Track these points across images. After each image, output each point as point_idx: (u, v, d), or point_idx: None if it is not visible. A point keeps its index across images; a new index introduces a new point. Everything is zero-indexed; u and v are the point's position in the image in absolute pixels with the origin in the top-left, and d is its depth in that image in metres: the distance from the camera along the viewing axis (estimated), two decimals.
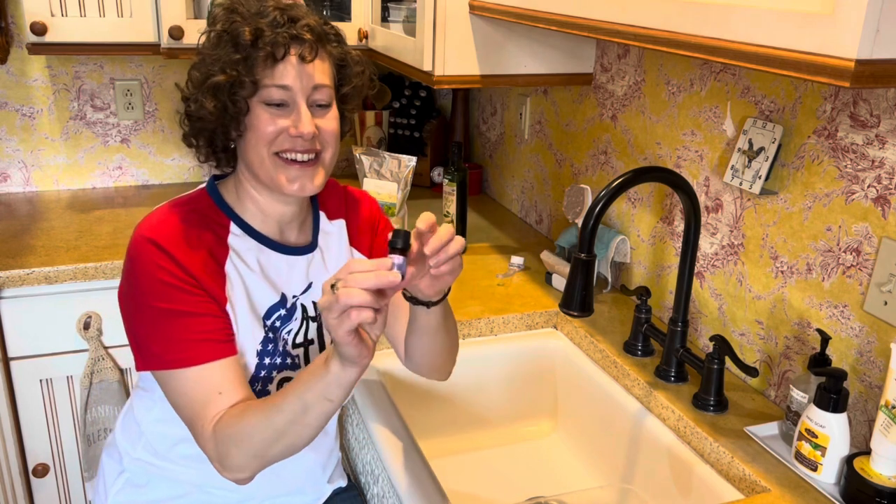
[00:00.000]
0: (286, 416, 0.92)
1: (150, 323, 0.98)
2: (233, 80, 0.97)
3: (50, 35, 1.80)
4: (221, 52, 0.98)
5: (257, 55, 0.97)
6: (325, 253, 1.15)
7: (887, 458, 0.98)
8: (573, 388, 1.50)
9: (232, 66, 0.97)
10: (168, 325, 0.97)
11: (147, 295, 0.97)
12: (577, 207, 1.59)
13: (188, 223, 1.01)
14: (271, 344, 1.07)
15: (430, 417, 1.49)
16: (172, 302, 0.97)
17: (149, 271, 0.97)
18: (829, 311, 1.16)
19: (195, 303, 0.98)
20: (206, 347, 0.98)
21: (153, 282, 0.97)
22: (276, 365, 1.08)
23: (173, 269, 0.97)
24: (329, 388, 0.89)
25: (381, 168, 1.86)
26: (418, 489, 1.05)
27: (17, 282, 1.66)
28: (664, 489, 1.25)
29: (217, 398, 0.97)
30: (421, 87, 2.43)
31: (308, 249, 1.12)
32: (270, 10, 0.99)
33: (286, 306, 1.09)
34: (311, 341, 1.13)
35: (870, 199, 1.08)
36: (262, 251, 1.08)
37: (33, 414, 1.78)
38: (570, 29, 1.18)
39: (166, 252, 0.97)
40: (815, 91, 1.15)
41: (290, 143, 1.00)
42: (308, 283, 1.12)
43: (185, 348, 0.97)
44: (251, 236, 1.07)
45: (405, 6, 1.88)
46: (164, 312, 0.97)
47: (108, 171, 2.26)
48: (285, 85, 0.98)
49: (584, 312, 1.14)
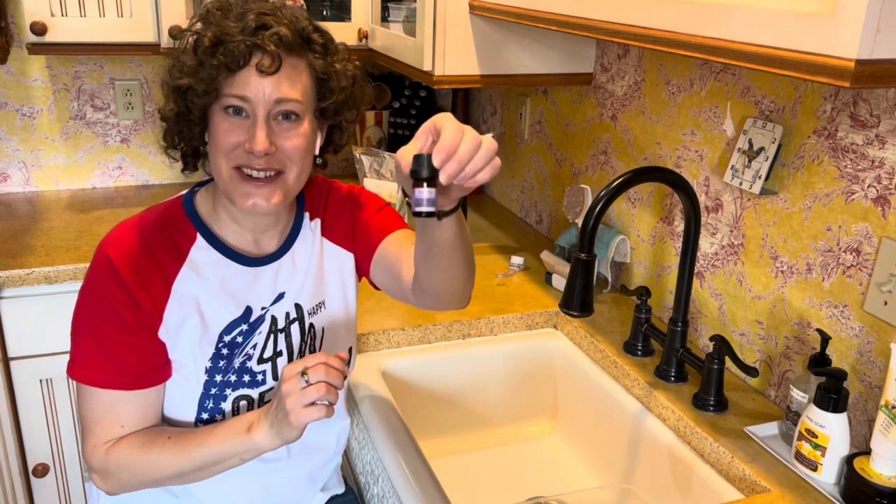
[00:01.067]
0: (195, 464, 1.00)
1: (84, 334, 1.01)
2: (189, 86, 0.94)
3: (50, 35, 1.80)
4: (184, 56, 0.96)
5: (212, 63, 0.92)
6: (297, 256, 1.10)
7: (887, 458, 0.98)
8: (573, 388, 1.50)
9: (189, 71, 0.94)
10: (98, 345, 1.00)
11: (91, 309, 1.00)
12: (577, 207, 1.59)
13: (149, 239, 1.01)
14: (223, 361, 1.04)
15: (430, 417, 1.49)
16: (109, 326, 0.99)
17: (97, 289, 1.00)
18: (829, 311, 1.16)
19: (130, 331, 0.99)
20: (125, 379, 1.01)
21: (98, 300, 1.00)
22: (229, 383, 1.05)
23: (118, 293, 0.98)
24: (248, 453, 0.99)
25: (381, 168, 1.86)
26: (418, 489, 1.05)
27: (17, 282, 1.66)
28: (664, 489, 1.25)
29: (117, 430, 1.02)
30: (421, 87, 2.43)
31: (275, 257, 1.08)
32: (248, 15, 0.94)
33: (249, 320, 1.05)
34: (280, 353, 1.08)
35: (870, 199, 1.08)
36: (227, 264, 1.04)
37: (33, 414, 1.78)
38: (570, 29, 1.18)
39: (117, 274, 0.98)
40: (815, 91, 1.15)
41: (245, 158, 0.96)
42: (278, 294, 1.08)
43: (105, 372, 1.00)
44: (216, 249, 1.04)
45: (405, 6, 1.88)
46: (99, 332, 1.00)
47: (108, 171, 2.26)
48: (244, 96, 0.94)
49: (584, 312, 1.14)
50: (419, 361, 1.46)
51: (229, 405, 1.06)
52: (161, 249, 1.02)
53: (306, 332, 1.11)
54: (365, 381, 1.33)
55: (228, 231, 1.05)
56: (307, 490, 1.22)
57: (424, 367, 1.46)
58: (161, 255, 1.02)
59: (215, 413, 1.05)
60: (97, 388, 1.01)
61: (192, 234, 1.04)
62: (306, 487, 1.21)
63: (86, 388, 1.02)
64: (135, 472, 1.01)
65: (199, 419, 1.05)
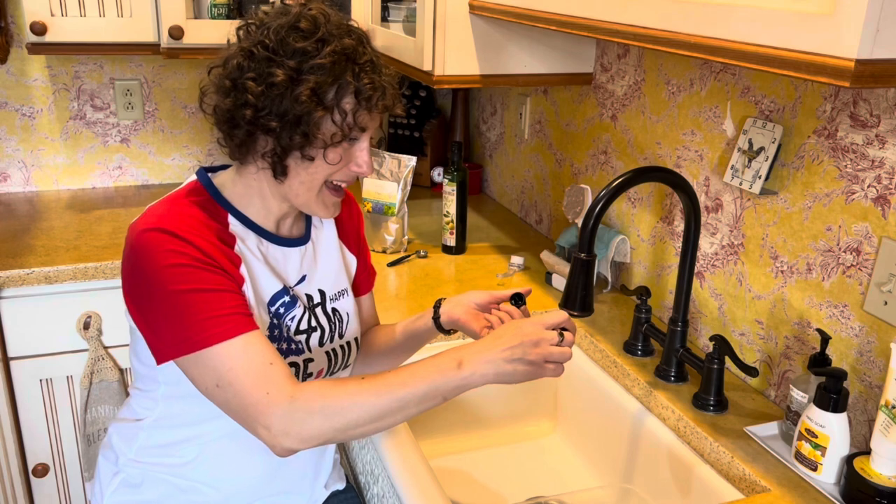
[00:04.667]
0: (398, 403, 0.92)
1: (172, 308, 0.94)
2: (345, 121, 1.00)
3: (50, 35, 1.80)
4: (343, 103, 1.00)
5: (364, 105, 1.01)
6: (317, 246, 1.17)
7: (887, 458, 0.98)
8: (573, 387, 1.50)
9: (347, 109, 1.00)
10: (194, 305, 0.94)
11: (165, 282, 0.94)
12: (577, 207, 1.59)
13: (192, 212, 1.01)
14: (276, 330, 1.08)
15: (430, 417, 1.49)
16: (192, 282, 0.94)
17: (160, 258, 0.94)
18: (829, 311, 1.16)
19: (216, 281, 0.96)
20: (240, 320, 0.96)
21: (167, 267, 0.94)
22: (282, 350, 1.08)
23: (188, 249, 0.95)
24: (455, 391, 0.94)
25: (381, 168, 1.86)
26: (418, 489, 1.05)
27: (17, 282, 1.66)
28: (664, 489, 1.25)
29: (268, 369, 0.93)
30: (421, 86, 2.43)
31: (302, 242, 1.14)
32: (380, 68, 1.04)
33: (289, 294, 1.10)
34: (315, 328, 1.13)
35: (870, 198, 1.08)
36: (262, 242, 1.09)
37: (33, 414, 1.78)
38: (570, 29, 1.18)
39: (177, 236, 0.96)
40: (815, 91, 1.15)
41: (346, 176, 1.06)
42: (302, 276, 1.13)
43: (219, 323, 0.94)
44: (250, 228, 1.08)
45: (405, 6, 1.88)
46: (187, 293, 0.94)
47: (108, 170, 2.26)
48: (365, 127, 1.03)
49: (584, 312, 1.14)
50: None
51: None
52: (208, 224, 1.02)
53: (332, 315, 1.16)
54: None
55: (257, 216, 1.09)
56: (311, 480, 1.23)
57: None
58: (211, 228, 1.02)
59: None
60: (228, 340, 0.94)
61: (224, 214, 1.06)
62: (310, 478, 1.23)
63: (212, 351, 0.93)
64: (328, 412, 0.91)
65: None
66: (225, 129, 1.03)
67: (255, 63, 0.98)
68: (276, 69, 0.96)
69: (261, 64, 0.97)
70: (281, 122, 0.97)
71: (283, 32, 0.97)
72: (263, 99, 0.97)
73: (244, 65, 0.98)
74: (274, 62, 0.97)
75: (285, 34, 0.97)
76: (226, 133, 1.04)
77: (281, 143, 0.99)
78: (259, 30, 1.00)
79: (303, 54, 0.97)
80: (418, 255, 1.83)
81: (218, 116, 1.03)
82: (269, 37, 0.98)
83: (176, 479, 1.12)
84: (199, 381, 0.96)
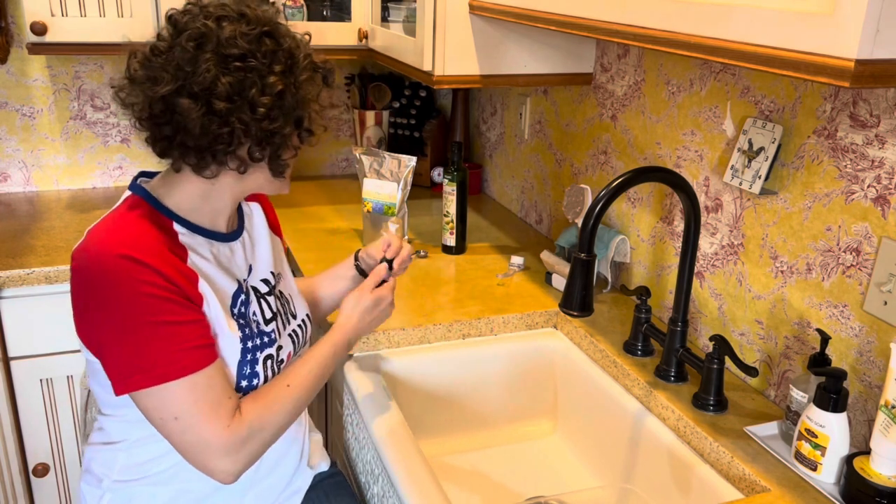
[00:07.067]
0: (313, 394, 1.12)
1: (137, 341, 0.96)
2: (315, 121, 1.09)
3: (50, 35, 1.80)
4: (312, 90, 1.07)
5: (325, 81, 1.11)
6: (252, 234, 1.22)
7: (887, 458, 0.98)
8: (573, 388, 1.50)
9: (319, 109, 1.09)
10: (161, 338, 0.97)
11: (134, 313, 0.96)
12: (577, 207, 1.59)
13: (146, 231, 1.01)
14: (247, 328, 1.10)
15: (430, 417, 1.49)
16: (160, 314, 0.97)
17: (131, 288, 0.96)
18: (828, 311, 1.16)
19: (181, 312, 0.99)
20: (203, 353, 1.00)
21: (138, 297, 0.96)
22: (257, 346, 1.11)
23: (156, 279, 0.97)
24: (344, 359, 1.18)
25: (381, 168, 1.86)
26: (418, 489, 1.06)
27: (17, 282, 1.66)
28: (664, 489, 1.25)
29: (227, 402, 1.02)
30: (421, 87, 2.43)
31: (239, 233, 1.18)
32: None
33: (243, 290, 1.13)
34: (276, 315, 1.18)
35: (869, 198, 1.08)
36: (212, 244, 1.11)
37: (33, 414, 1.78)
38: (570, 29, 1.18)
39: (145, 265, 0.97)
40: (815, 91, 1.15)
41: None
42: (248, 266, 1.17)
43: (182, 357, 0.98)
44: (196, 232, 1.09)
45: (405, 6, 1.88)
46: (154, 325, 0.96)
47: (109, 170, 2.26)
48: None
49: (584, 312, 1.14)
50: (419, 361, 1.46)
51: (261, 366, 1.11)
52: (162, 239, 1.02)
53: (281, 298, 1.22)
54: (365, 381, 1.33)
55: (202, 216, 1.10)
56: (294, 457, 1.25)
57: (424, 367, 1.46)
58: (167, 244, 1.03)
59: (252, 378, 1.09)
60: (189, 376, 0.98)
61: (168, 223, 1.06)
62: (294, 455, 1.25)
63: (174, 386, 0.97)
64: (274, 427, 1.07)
65: (238, 386, 1.08)
66: (193, 142, 1.00)
67: (248, 76, 0.98)
68: (271, 77, 0.99)
69: (253, 75, 0.98)
70: (292, 126, 1.04)
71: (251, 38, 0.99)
72: (272, 110, 1.00)
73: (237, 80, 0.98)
74: (263, 72, 0.99)
75: (254, 40, 1.00)
76: (191, 145, 1.01)
77: (287, 143, 1.05)
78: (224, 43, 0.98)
79: (288, 56, 1.03)
80: (418, 255, 1.83)
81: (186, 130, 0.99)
82: (241, 46, 0.98)
83: (163, 486, 1.12)
84: (152, 413, 0.99)
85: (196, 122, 0.97)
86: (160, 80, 0.98)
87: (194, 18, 1.00)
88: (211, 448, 0.99)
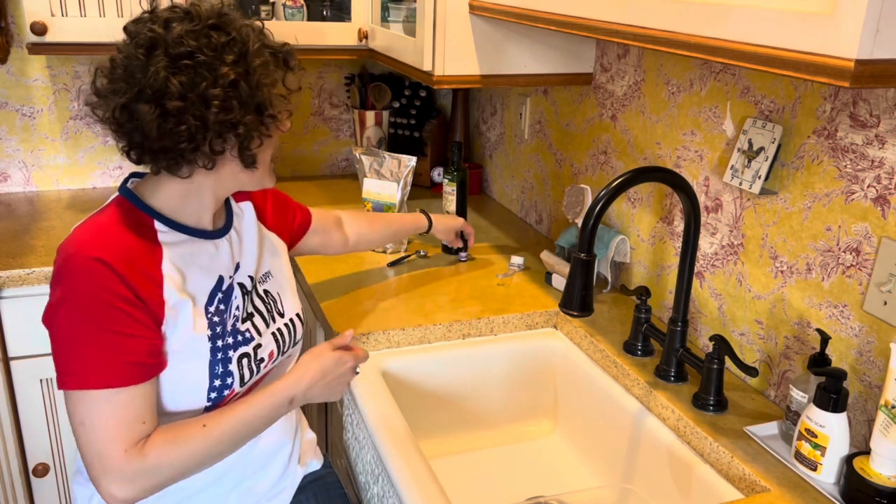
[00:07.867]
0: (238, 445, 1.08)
1: (84, 342, 0.98)
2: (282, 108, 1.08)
3: (50, 35, 1.80)
4: (270, 75, 1.05)
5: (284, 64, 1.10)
6: (240, 232, 1.21)
7: (887, 458, 0.98)
8: (573, 388, 1.50)
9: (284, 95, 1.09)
10: (103, 347, 0.98)
11: (87, 317, 0.98)
12: (577, 207, 1.59)
13: (125, 234, 1.03)
14: (219, 326, 1.10)
15: (430, 417, 1.49)
16: (109, 322, 0.98)
17: (92, 291, 0.98)
18: (828, 311, 1.16)
19: (131, 325, 1.00)
20: (136, 370, 1.00)
21: (95, 301, 0.98)
22: (229, 345, 1.11)
23: (118, 289, 0.98)
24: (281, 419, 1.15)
25: (381, 168, 1.86)
26: (418, 489, 1.06)
27: (17, 282, 1.66)
28: (664, 489, 1.25)
29: (139, 427, 1.00)
30: (421, 87, 2.43)
31: (227, 230, 1.18)
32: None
33: (223, 288, 1.13)
34: (252, 314, 1.18)
35: (869, 199, 1.08)
36: (193, 241, 1.11)
37: (33, 414, 1.78)
38: (570, 29, 1.18)
39: (115, 272, 0.98)
40: (815, 91, 1.15)
41: None
42: (236, 264, 1.17)
43: (116, 370, 0.99)
44: (177, 230, 1.09)
45: (405, 6, 1.88)
46: (102, 334, 0.98)
47: (109, 170, 2.26)
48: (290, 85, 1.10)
49: (584, 312, 1.14)
50: (419, 361, 1.46)
51: (235, 365, 1.11)
52: (138, 241, 1.04)
53: (266, 297, 1.22)
54: (365, 381, 1.34)
55: (188, 215, 1.11)
56: (284, 454, 1.25)
57: (424, 367, 1.46)
58: (141, 245, 1.04)
59: (226, 377, 1.09)
60: (110, 389, 0.99)
61: (150, 221, 1.08)
62: (284, 452, 1.25)
63: (94, 394, 0.99)
64: (178, 466, 1.02)
65: (212, 386, 1.08)
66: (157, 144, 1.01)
67: (198, 71, 0.98)
68: (222, 69, 0.99)
69: (203, 70, 0.99)
70: (252, 114, 1.03)
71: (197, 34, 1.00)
72: (226, 101, 1.00)
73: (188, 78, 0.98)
74: (214, 65, 0.99)
75: (201, 35, 1.00)
76: (155, 148, 1.02)
77: (250, 133, 1.04)
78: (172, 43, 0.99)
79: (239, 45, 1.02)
80: (418, 255, 1.83)
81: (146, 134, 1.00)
82: (189, 44, 0.99)
83: None
84: (69, 414, 1.01)
85: (153, 125, 0.99)
86: (119, 90, 1.01)
87: (143, 25, 1.01)
88: (104, 467, 0.99)
